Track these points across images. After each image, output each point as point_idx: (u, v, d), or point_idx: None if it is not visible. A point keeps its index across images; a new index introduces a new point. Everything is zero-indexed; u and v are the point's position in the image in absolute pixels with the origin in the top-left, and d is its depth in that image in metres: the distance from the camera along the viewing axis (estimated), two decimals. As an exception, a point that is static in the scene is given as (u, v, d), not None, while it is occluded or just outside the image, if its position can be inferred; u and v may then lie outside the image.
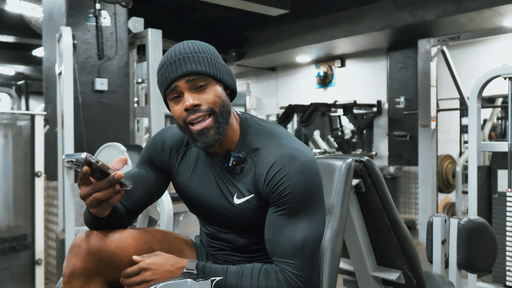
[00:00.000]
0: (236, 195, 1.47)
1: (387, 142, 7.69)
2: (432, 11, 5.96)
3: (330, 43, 7.48)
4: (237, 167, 1.46)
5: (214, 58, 1.44)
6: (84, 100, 4.19)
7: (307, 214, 1.40)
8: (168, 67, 1.40)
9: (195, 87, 1.40)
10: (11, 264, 3.40)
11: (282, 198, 1.38)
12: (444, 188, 6.61)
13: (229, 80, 1.47)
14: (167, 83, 1.41)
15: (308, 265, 1.40)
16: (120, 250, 1.47)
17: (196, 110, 1.39)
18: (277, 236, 1.40)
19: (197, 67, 1.39)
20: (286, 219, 1.39)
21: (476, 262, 2.51)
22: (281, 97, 9.60)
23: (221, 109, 1.41)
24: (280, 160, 1.40)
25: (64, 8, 4.21)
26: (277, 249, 1.40)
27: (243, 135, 1.49)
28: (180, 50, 1.41)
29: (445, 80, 6.63)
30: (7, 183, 3.42)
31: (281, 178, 1.38)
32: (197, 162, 1.56)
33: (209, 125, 1.39)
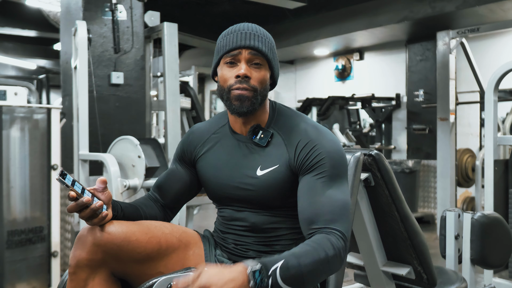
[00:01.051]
0: (260, 167, 1.55)
1: (405, 135, 7.62)
2: (452, 2, 5.86)
3: (348, 35, 7.42)
4: (264, 140, 1.56)
5: (274, 48, 1.59)
6: (100, 93, 4.22)
7: (342, 179, 1.51)
8: (238, 35, 1.53)
9: (252, 62, 1.52)
10: (28, 256, 3.46)
11: (320, 162, 1.48)
12: (463, 182, 6.52)
13: (276, 71, 1.61)
14: (231, 47, 1.52)
15: (349, 226, 1.47)
16: (126, 244, 1.48)
17: (245, 81, 1.51)
18: (321, 197, 1.45)
19: (263, 48, 1.53)
20: (327, 182, 1.47)
21: (490, 258, 2.48)
22: (299, 91, 9.56)
23: (262, 90, 1.54)
24: (311, 132, 1.54)
25: (81, 2, 4.24)
26: (323, 210, 1.43)
27: (272, 116, 1.61)
28: (251, 27, 1.56)
29: (465, 73, 6.53)
30: (23, 176, 3.46)
31: (316, 145, 1.50)
32: (222, 144, 1.65)
33: (247, 94, 1.51)
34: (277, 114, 1.62)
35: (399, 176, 6.98)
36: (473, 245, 2.47)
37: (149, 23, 4.64)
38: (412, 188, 7.05)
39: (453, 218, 2.53)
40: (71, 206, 1.42)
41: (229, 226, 1.65)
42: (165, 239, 1.56)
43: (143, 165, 3.11)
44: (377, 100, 7.87)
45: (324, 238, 1.38)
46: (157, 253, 1.54)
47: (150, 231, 1.54)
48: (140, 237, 1.51)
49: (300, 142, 1.52)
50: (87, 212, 1.43)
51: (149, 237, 1.53)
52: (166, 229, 1.60)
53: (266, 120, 1.61)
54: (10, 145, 3.42)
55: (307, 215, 1.46)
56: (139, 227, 1.53)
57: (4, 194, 3.39)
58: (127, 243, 1.48)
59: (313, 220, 1.44)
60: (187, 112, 5.07)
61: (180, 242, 1.61)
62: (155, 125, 8.44)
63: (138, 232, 1.52)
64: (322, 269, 1.35)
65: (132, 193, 3.18)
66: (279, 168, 1.53)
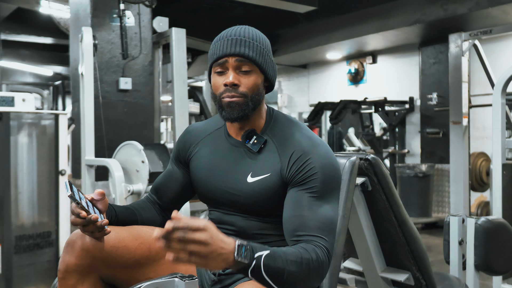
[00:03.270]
0: (251, 174, 1.53)
1: (419, 139, 7.55)
2: (464, 4, 5.80)
3: (360, 39, 7.39)
4: (256, 146, 1.54)
5: (266, 51, 1.53)
6: (109, 99, 4.25)
7: (332, 195, 1.48)
8: (225, 42, 1.50)
9: (240, 68, 1.50)
10: (35, 261, 3.48)
11: (311, 177, 1.45)
12: (478, 186, 6.42)
13: (271, 74, 1.57)
14: (218, 55, 1.51)
15: (334, 244, 1.44)
16: (115, 249, 1.49)
17: (233, 89, 1.49)
18: (308, 212, 1.43)
19: (250, 53, 1.49)
20: (316, 198, 1.44)
21: (494, 264, 2.44)
22: (312, 95, 9.53)
23: (253, 96, 1.51)
24: (305, 143, 1.50)
25: (89, 9, 4.29)
26: (309, 224, 1.41)
27: (268, 122, 1.59)
28: (240, 32, 1.52)
29: (479, 75, 6.45)
30: (31, 181, 3.50)
31: (309, 159, 1.47)
32: (215, 146, 1.63)
33: (237, 101, 1.49)
34: (273, 121, 1.60)
35: (413, 181, 6.91)
36: (477, 250, 2.43)
37: (157, 28, 4.66)
38: (426, 192, 6.97)
39: (456, 223, 2.49)
40: (76, 221, 1.42)
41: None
42: (155, 244, 1.56)
43: (147, 170, 3.12)
44: (390, 104, 7.81)
45: (311, 248, 1.37)
46: (147, 259, 1.54)
47: (140, 236, 1.54)
48: (129, 243, 1.51)
49: (294, 154, 1.49)
50: (91, 227, 1.42)
51: (138, 243, 1.53)
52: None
53: (262, 126, 1.59)
54: (18, 151, 3.46)
55: (292, 226, 1.44)
56: (129, 233, 1.53)
57: (12, 200, 3.42)
58: (115, 248, 1.48)
59: (298, 229, 1.42)
60: (196, 117, 5.09)
61: (172, 247, 1.60)
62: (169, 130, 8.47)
63: (128, 238, 1.52)
64: (303, 275, 1.33)
65: (136, 198, 3.20)
66: (270, 177, 1.50)
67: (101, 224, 1.41)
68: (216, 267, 1.24)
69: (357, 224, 2.02)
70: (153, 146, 3.47)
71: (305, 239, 1.40)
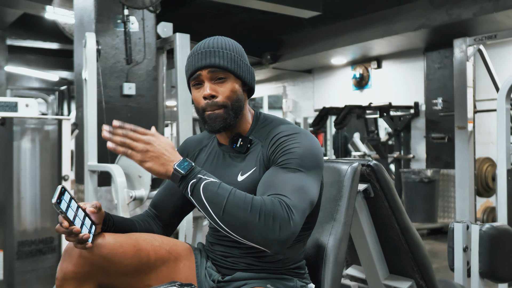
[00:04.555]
0: (240, 173, 1.55)
1: (424, 144, 7.51)
2: (469, 9, 5.78)
3: (365, 44, 7.37)
4: (243, 146, 1.57)
5: (238, 56, 1.56)
6: (113, 104, 4.25)
7: (308, 172, 1.44)
8: (195, 56, 1.54)
9: (215, 78, 1.53)
10: (38, 267, 3.48)
11: (286, 152, 1.46)
12: (483, 192, 6.38)
13: (248, 77, 1.59)
14: (192, 70, 1.54)
15: (300, 206, 1.36)
16: (113, 256, 1.47)
17: (212, 102, 1.52)
18: (275, 179, 1.41)
19: (220, 62, 1.52)
20: (288, 169, 1.43)
21: (499, 271, 2.41)
22: (317, 100, 9.51)
23: (234, 103, 1.54)
24: (286, 130, 1.52)
25: (93, 15, 4.29)
26: (273, 187, 1.39)
27: (254, 125, 1.62)
28: (209, 44, 1.55)
29: (484, 80, 6.42)
30: (34, 187, 3.50)
31: (288, 139, 1.49)
32: (209, 156, 1.66)
33: (218, 113, 1.53)
34: (259, 123, 1.62)
35: (418, 186, 6.87)
36: (482, 257, 2.40)
37: (161, 34, 4.66)
38: (432, 198, 6.93)
39: (461, 230, 2.46)
40: (59, 229, 1.42)
41: (217, 237, 1.64)
42: (154, 251, 1.55)
43: (149, 176, 3.10)
44: (395, 109, 7.78)
45: (267, 198, 1.34)
46: (146, 266, 1.53)
47: (138, 243, 1.53)
48: (127, 250, 1.50)
49: (273, 139, 1.51)
50: (73, 239, 1.42)
51: (137, 250, 1.51)
52: (156, 242, 1.58)
53: (247, 129, 1.62)
54: (21, 156, 3.46)
55: (260, 190, 1.41)
56: (127, 240, 1.52)
57: (15, 205, 3.42)
58: (113, 255, 1.47)
59: (265, 192, 1.39)
60: (199, 122, 5.07)
61: (170, 254, 1.59)
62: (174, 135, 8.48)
63: (126, 245, 1.50)
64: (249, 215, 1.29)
65: (139, 204, 3.18)
66: (256, 170, 1.52)
67: (81, 237, 1.40)
68: (153, 169, 1.38)
69: (360, 231, 2.01)
70: (156, 151, 3.46)
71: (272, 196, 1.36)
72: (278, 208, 1.30)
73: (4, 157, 3.42)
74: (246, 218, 1.30)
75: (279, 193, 1.35)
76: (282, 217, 1.30)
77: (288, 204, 1.32)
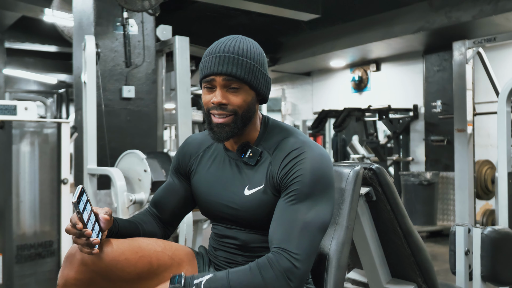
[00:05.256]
0: (247, 186, 1.51)
1: (424, 147, 7.51)
2: (468, 12, 5.78)
3: (364, 46, 7.37)
4: (253, 159, 1.52)
5: (257, 66, 1.49)
6: (112, 107, 4.24)
7: (316, 198, 1.42)
8: (213, 59, 1.47)
9: (229, 86, 1.47)
10: (37, 270, 3.46)
11: (293, 181, 1.42)
12: (483, 194, 6.37)
13: (263, 89, 1.53)
14: (206, 73, 1.48)
15: (306, 247, 1.37)
16: (115, 263, 1.45)
17: (221, 108, 1.47)
18: (283, 216, 1.41)
19: (238, 72, 1.45)
20: (295, 202, 1.41)
21: (501, 274, 2.40)
22: (316, 102, 9.51)
23: (244, 113, 1.49)
24: (297, 149, 1.47)
25: (93, 18, 4.28)
26: (278, 230, 1.39)
27: (263, 133, 1.57)
28: (229, 47, 1.48)
29: (483, 83, 6.41)
30: (33, 190, 3.48)
31: (296, 163, 1.44)
32: (214, 159, 1.62)
33: (226, 122, 1.48)
34: (268, 131, 1.58)
35: (417, 189, 6.87)
36: (484, 261, 2.39)
37: (161, 37, 4.65)
38: (431, 200, 6.92)
39: (462, 233, 2.45)
40: (70, 230, 1.40)
41: (220, 243, 1.62)
42: (157, 257, 1.53)
43: (149, 179, 3.09)
44: (394, 111, 7.78)
45: (264, 259, 1.35)
46: (148, 272, 1.51)
47: (140, 249, 1.51)
48: (129, 256, 1.48)
49: (284, 160, 1.47)
50: (82, 241, 1.40)
51: (139, 256, 1.50)
52: (158, 247, 1.57)
53: (256, 136, 1.57)
54: (20, 159, 3.44)
55: (269, 237, 1.42)
56: (129, 246, 1.50)
57: (14, 209, 3.40)
58: (116, 262, 1.45)
59: (271, 241, 1.41)
60: (199, 125, 5.06)
61: (172, 260, 1.58)
62: (173, 138, 8.46)
63: (128, 251, 1.48)
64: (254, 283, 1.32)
65: (138, 207, 3.17)
66: (264, 188, 1.49)
67: (91, 241, 1.39)
68: None
69: (362, 234, 1.99)
70: (155, 154, 3.45)
71: (273, 251, 1.38)
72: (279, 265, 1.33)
73: (3, 160, 3.41)
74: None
75: (281, 240, 1.37)
76: (288, 270, 1.33)
77: (291, 253, 1.35)
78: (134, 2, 3.94)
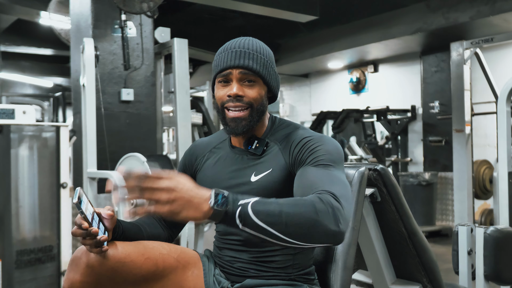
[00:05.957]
0: (254, 173, 1.53)
1: (422, 147, 7.51)
2: (465, 13, 5.79)
3: (362, 48, 7.38)
4: (259, 148, 1.56)
5: (269, 63, 1.56)
6: (111, 110, 4.23)
7: (338, 166, 1.44)
8: (229, 54, 1.52)
9: (244, 80, 1.52)
10: (37, 276, 3.43)
11: (313, 151, 1.45)
12: (481, 194, 6.39)
13: (274, 85, 1.59)
14: (222, 67, 1.52)
15: (348, 197, 1.31)
16: (121, 265, 1.44)
17: (238, 100, 1.51)
18: (310, 177, 1.39)
19: (254, 65, 1.51)
20: (322, 166, 1.41)
21: (504, 273, 2.40)
22: (314, 104, 9.51)
23: (258, 107, 1.54)
24: (306, 134, 1.53)
25: (91, 20, 4.27)
26: (313, 185, 1.33)
27: (270, 128, 1.61)
28: (245, 44, 1.54)
29: (481, 83, 6.43)
30: (33, 195, 3.46)
31: (310, 141, 1.48)
32: (220, 157, 1.65)
33: (243, 116, 1.52)
34: (275, 126, 1.62)
35: (416, 189, 6.87)
36: (487, 260, 2.39)
37: (159, 39, 4.65)
38: (430, 201, 6.93)
39: (465, 233, 2.45)
40: (76, 232, 1.38)
41: (224, 241, 1.62)
42: (162, 259, 1.52)
43: (150, 182, 3.07)
44: (393, 112, 7.79)
45: (314, 195, 1.27)
46: (154, 275, 1.50)
47: (146, 251, 1.50)
48: (135, 259, 1.47)
49: (293, 143, 1.51)
50: (90, 241, 1.39)
51: (145, 258, 1.49)
52: (164, 250, 1.56)
53: (263, 132, 1.61)
54: (19, 163, 3.42)
55: (300, 192, 1.37)
56: (135, 248, 1.49)
57: (13, 213, 3.38)
58: (122, 264, 1.44)
59: (302, 194, 1.34)
60: (198, 127, 5.06)
61: (178, 262, 1.57)
62: (170, 141, 8.44)
63: (134, 253, 1.47)
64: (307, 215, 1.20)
65: (140, 211, 3.16)
66: (272, 172, 1.51)
67: (99, 239, 1.38)
68: (189, 217, 1.18)
69: (366, 235, 1.99)
70: (156, 157, 3.44)
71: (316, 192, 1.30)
72: (328, 200, 1.24)
73: (2, 165, 3.38)
74: (309, 222, 1.20)
75: (321, 188, 1.30)
76: (337, 208, 1.24)
77: (335, 195, 1.27)
78: (133, 4, 3.94)
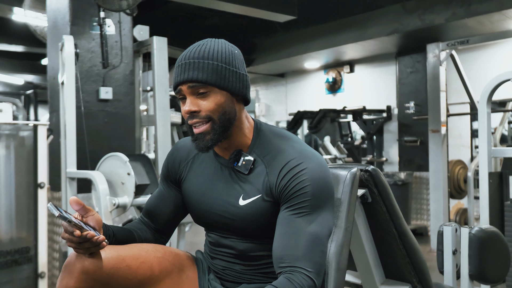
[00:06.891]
0: (242, 196, 1.47)
1: (397, 147, 7.60)
2: (441, 15, 5.88)
3: (338, 48, 7.43)
4: (246, 167, 1.47)
5: (222, 65, 1.42)
6: (89, 109, 4.15)
7: (322, 209, 1.40)
8: (177, 69, 1.44)
9: (197, 93, 1.42)
10: (14, 278, 3.35)
11: (295, 193, 1.39)
12: (456, 194, 6.49)
13: (236, 87, 1.45)
14: (173, 85, 1.46)
15: (319, 261, 1.37)
16: (116, 271, 1.42)
17: (194, 116, 1.43)
18: (291, 231, 1.37)
19: (199, 76, 1.40)
20: (304, 215, 1.38)
21: (488, 273, 2.43)
22: (290, 104, 9.54)
23: (220, 116, 1.43)
24: (295, 159, 1.42)
25: (68, 17, 4.18)
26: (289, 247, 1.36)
27: (255, 139, 1.50)
28: (191, 53, 1.43)
29: (455, 84, 6.53)
30: (9, 195, 3.38)
31: (295, 175, 1.40)
32: (205, 166, 1.57)
33: (205, 131, 1.43)
34: (261, 136, 1.51)
35: (392, 189, 6.90)
36: (471, 260, 2.42)
37: (138, 37, 4.59)
38: (405, 200, 7.01)
39: (450, 233, 2.47)
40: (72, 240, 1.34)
41: (217, 252, 1.59)
42: (158, 263, 1.50)
43: (133, 182, 3.03)
44: (368, 113, 7.86)
45: (285, 280, 1.32)
46: (150, 279, 1.47)
47: (141, 256, 1.48)
48: (130, 263, 1.44)
49: (282, 170, 1.42)
50: (87, 245, 1.35)
51: (140, 262, 1.46)
52: (159, 253, 1.53)
53: (248, 143, 1.51)
54: (-4, 163, 3.34)
55: (276, 253, 1.39)
56: (130, 252, 1.47)
57: (-10, 214, 3.29)
58: (117, 270, 1.41)
59: (280, 258, 1.37)
60: (177, 127, 5.01)
61: (173, 266, 1.55)
62: (145, 140, 8.34)
63: (129, 258, 1.45)
64: None
65: (122, 212, 3.11)
66: (260, 198, 1.45)
67: (97, 240, 1.34)
68: None
69: (356, 236, 1.99)
70: (137, 157, 3.39)
71: (284, 271, 1.35)
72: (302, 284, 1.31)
73: (-23, 164, 3.30)
74: None
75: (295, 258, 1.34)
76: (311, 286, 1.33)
77: (307, 272, 1.33)
78: (112, 1, 3.87)
